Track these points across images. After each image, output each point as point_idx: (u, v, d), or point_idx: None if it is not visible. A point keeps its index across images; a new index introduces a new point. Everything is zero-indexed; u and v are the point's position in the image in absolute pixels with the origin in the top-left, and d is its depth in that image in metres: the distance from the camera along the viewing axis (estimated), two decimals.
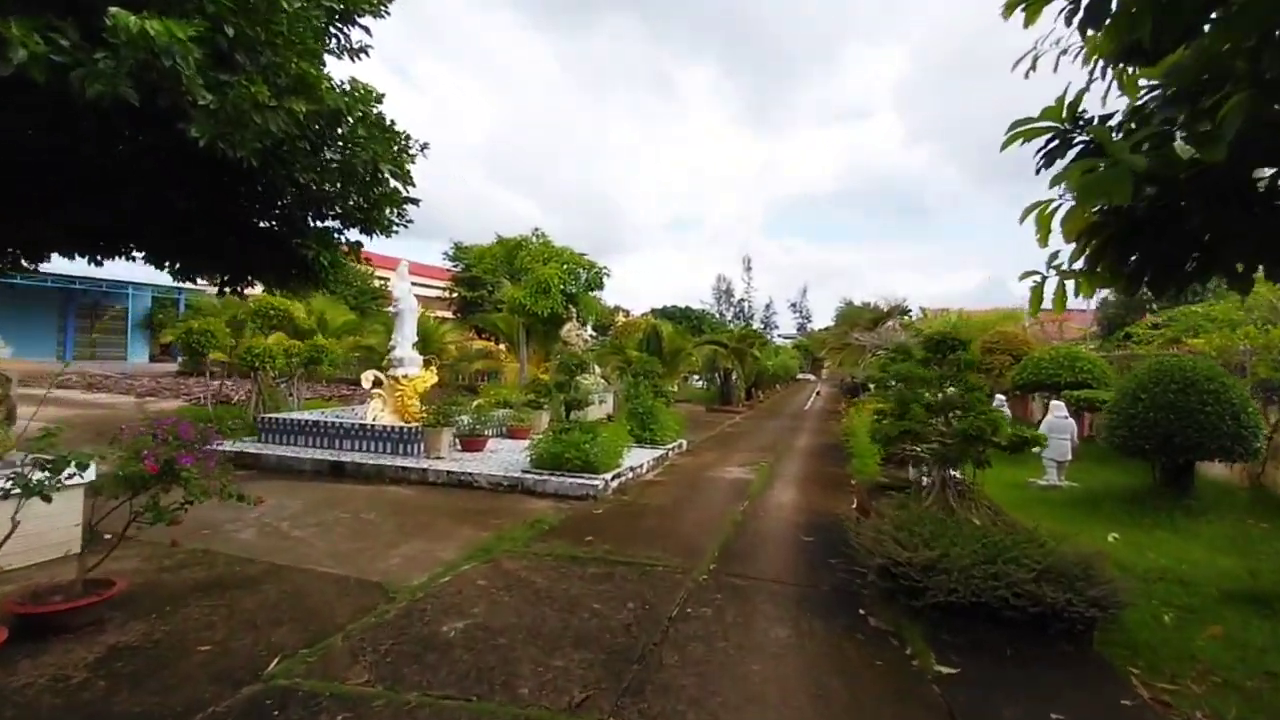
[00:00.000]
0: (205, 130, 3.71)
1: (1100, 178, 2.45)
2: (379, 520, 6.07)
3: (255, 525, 5.78)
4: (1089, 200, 2.82)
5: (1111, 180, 2.39)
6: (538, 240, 19.41)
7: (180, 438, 3.52)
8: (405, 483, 7.82)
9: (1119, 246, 3.01)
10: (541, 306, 17.14)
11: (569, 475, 7.57)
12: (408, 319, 10.47)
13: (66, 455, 3.07)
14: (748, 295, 79.25)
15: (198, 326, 9.79)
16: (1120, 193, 2.38)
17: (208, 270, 7.16)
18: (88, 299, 29.69)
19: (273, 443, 9.47)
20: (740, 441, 13.14)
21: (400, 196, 6.43)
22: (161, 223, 5.70)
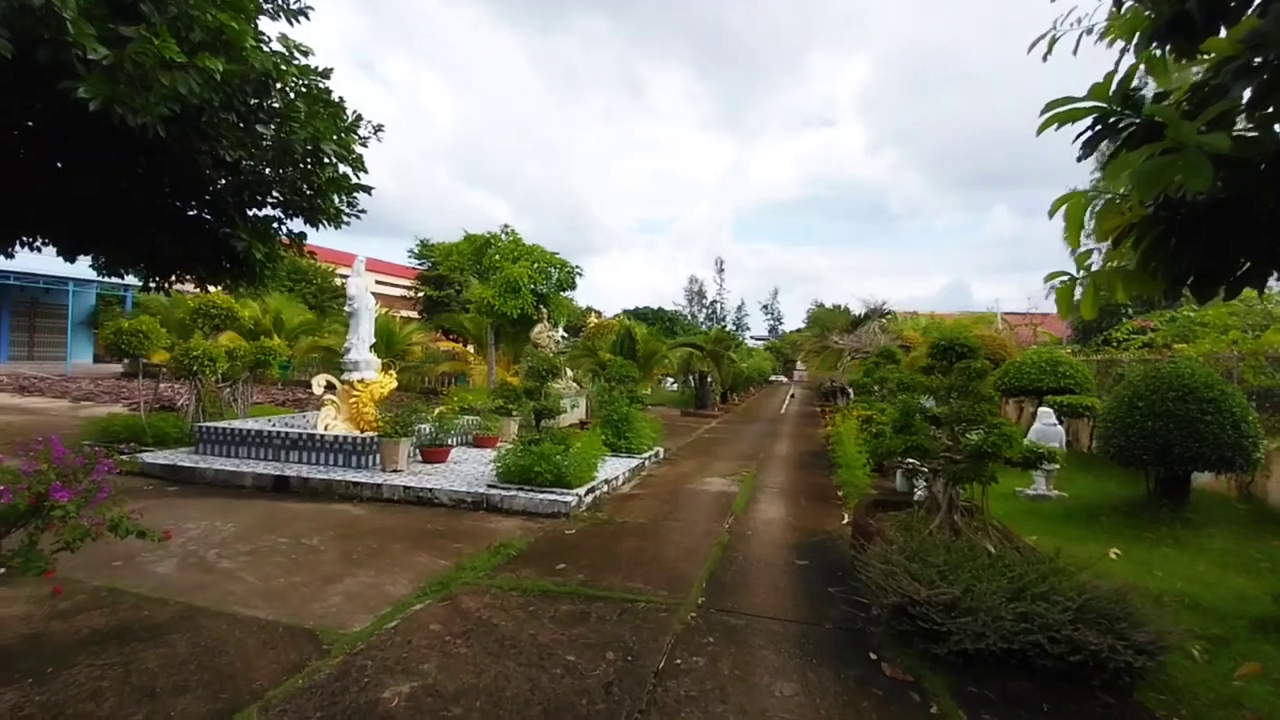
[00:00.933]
0: (97, 91, 3.03)
1: (1165, 164, 2.02)
2: (322, 547, 5.39)
3: (178, 555, 5.05)
4: (1149, 190, 2.36)
5: (1187, 166, 1.97)
6: (507, 237, 18.71)
7: (56, 465, 2.84)
8: (357, 500, 7.11)
9: (1179, 244, 2.60)
10: (511, 307, 16.47)
11: (539, 490, 6.96)
12: (364, 318, 9.71)
13: None
14: (720, 297, 79.35)
15: (128, 326, 8.87)
16: (1198, 178, 1.96)
17: (126, 264, 6.33)
18: (25, 296, 27.91)
19: (211, 454, 8.63)
20: (719, 449, 12.67)
21: (349, 183, 5.74)
22: (57, 208, 4.92)
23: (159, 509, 6.44)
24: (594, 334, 25.93)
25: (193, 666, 3.22)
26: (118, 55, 3.01)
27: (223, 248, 5.45)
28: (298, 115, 4.49)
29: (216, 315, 10.19)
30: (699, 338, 30.46)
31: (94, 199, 4.90)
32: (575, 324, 31.26)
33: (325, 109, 4.79)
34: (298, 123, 4.46)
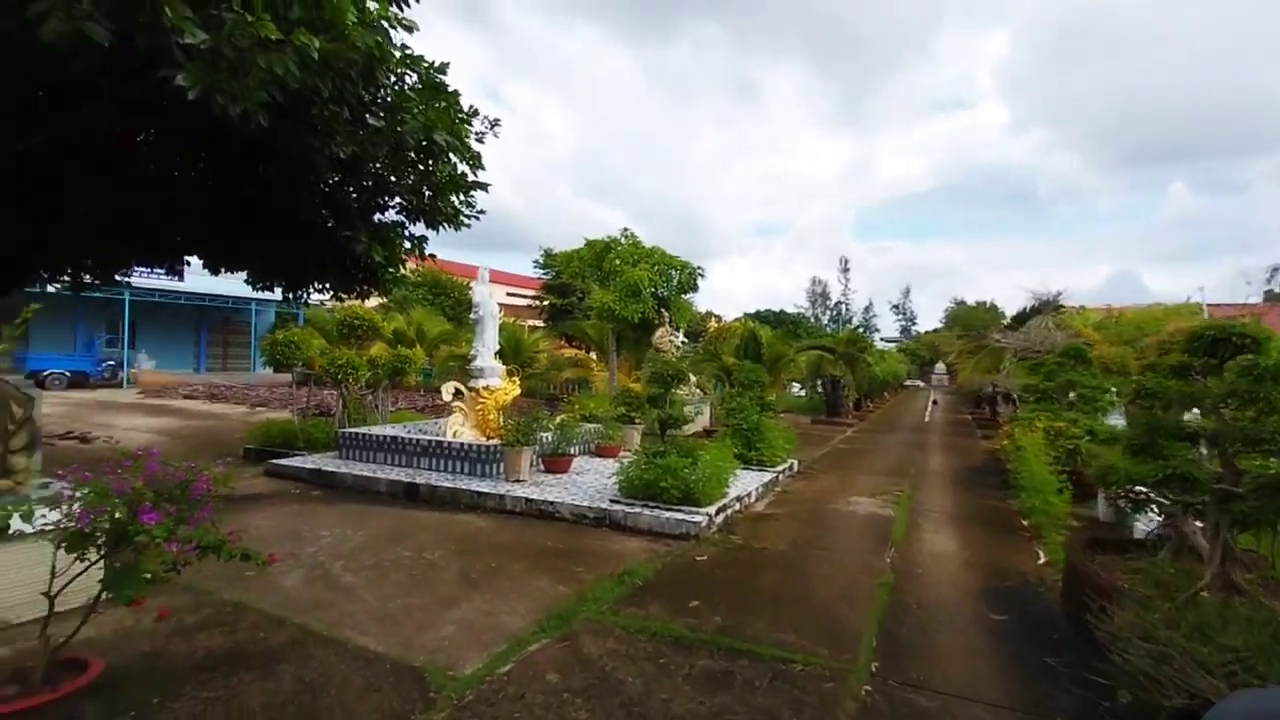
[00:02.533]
0: (196, 79, 2.87)
1: None
2: (442, 563, 5.10)
3: (306, 565, 4.98)
4: None
5: None
6: (627, 240, 18.47)
7: (150, 483, 2.61)
8: (480, 510, 6.89)
9: None
10: (632, 311, 16.14)
11: (665, 508, 6.33)
12: (489, 326, 9.69)
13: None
14: (845, 298, 75.19)
15: (281, 338, 9.50)
16: None
17: (265, 276, 6.59)
18: (219, 316, 32.17)
19: (351, 459, 8.94)
20: (861, 461, 11.38)
21: (466, 181, 5.51)
22: (199, 226, 5.08)
23: (301, 514, 6.60)
24: (716, 338, 25.13)
25: (292, 709, 2.90)
26: (216, 39, 2.82)
27: (346, 254, 5.44)
28: (410, 106, 4.25)
29: (359, 326, 10.67)
30: (827, 340, 28.61)
31: (228, 213, 5.06)
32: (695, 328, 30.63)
33: (434, 94, 4.54)
34: (409, 114, 4.22)
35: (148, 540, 2.46)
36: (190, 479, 2.74)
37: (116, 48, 2.76)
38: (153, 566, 2.52)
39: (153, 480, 2.60)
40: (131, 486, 2.54)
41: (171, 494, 2.65)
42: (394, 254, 5.83)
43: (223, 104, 2.99)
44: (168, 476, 2.69)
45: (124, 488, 2.54)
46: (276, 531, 5.94)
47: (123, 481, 2.54)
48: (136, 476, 2.58)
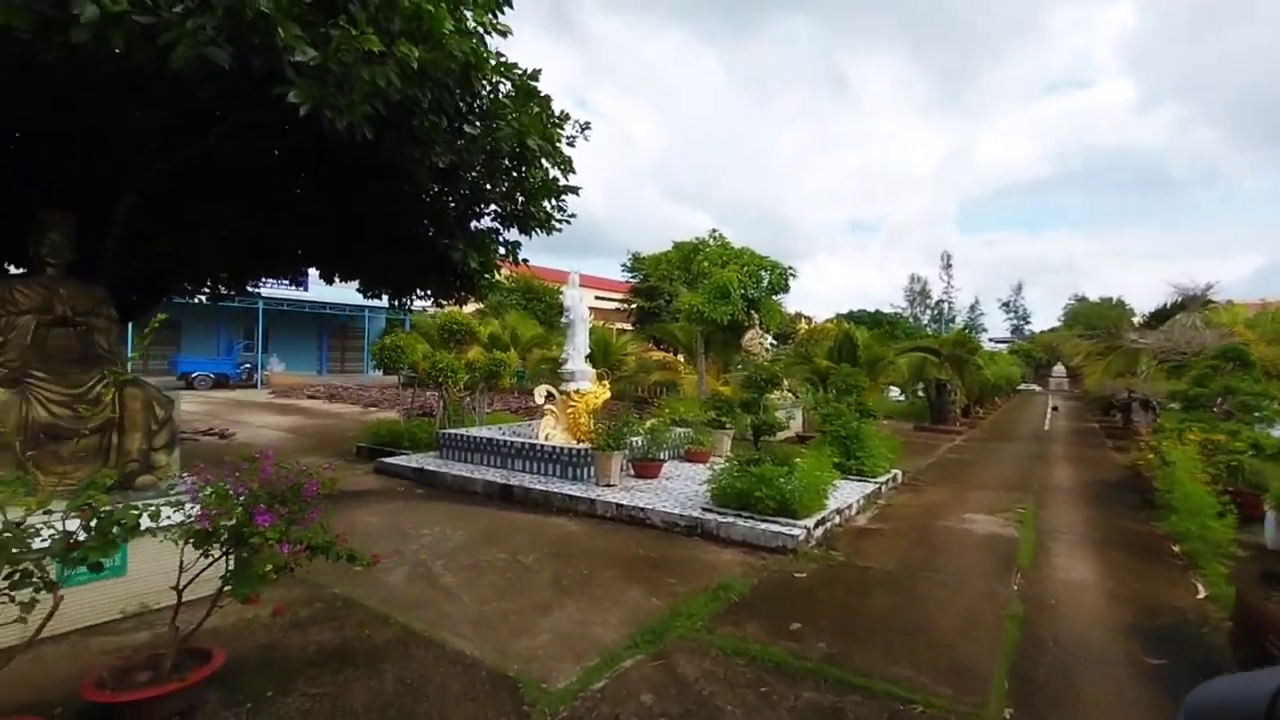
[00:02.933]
0: (307, 95, 3.00)
1: None
2: (536, 567, 5.12)
3: (409, 563, 5.15)
4: None
5: None
6: (715, 242, 18.19)
7: (264, 486, 2.72)
8: (572, 514, 6.91)
9: None
10: (720, 313, 15.84)
11: (760, 519, 6.06)
12: (579, 329, 9.77)
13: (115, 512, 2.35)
14: (948, 296, 70.71)
15: (388, 343, 10.05)
16: None
17: (372, 284, 6.95)
18: (337, 322, 34.93)
19: (451, 459, 9.29)
20: (973, 473, 10.50)
21: (558, 185, 5.53)
22: (308, 236, 5.42)
23: (405, 512, 6.89)
24: (807, 340, 24.29)
25: (393, 713, 2.93)
26: (324, 55, 2.93)
27: (445, 261, 5.63)
28: (504, 113, 4.30)
29: (458, 330, 11.11)
30: (929, 340, 26.88)
31: (339, 227, 5.37)
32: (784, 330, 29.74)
33: (531, 103, 4.58)
34: (504, 120, 4.27)
35: (261, 541, 2.56)
36: (301, 482, 2.84)
37: (235, 71, 2.94)
38: (265, 566, 2.62)
39: (267, 482, 2.71)
40: (248, 488, 2.66)
41: (284, 496, 2.75)
42: (489, 260, 5.98)
43: (330, 118, 3.12)
44: (281, 479, 2.80)
45: (242, 489, 2.66)
46: (383, 528, 6.22)
47: (240, 484, 2.67)
48: (253, 478, 2.70)
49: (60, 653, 3.49)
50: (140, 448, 4.38)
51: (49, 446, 4.03)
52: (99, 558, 2.26)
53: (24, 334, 4.16)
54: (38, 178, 4.64)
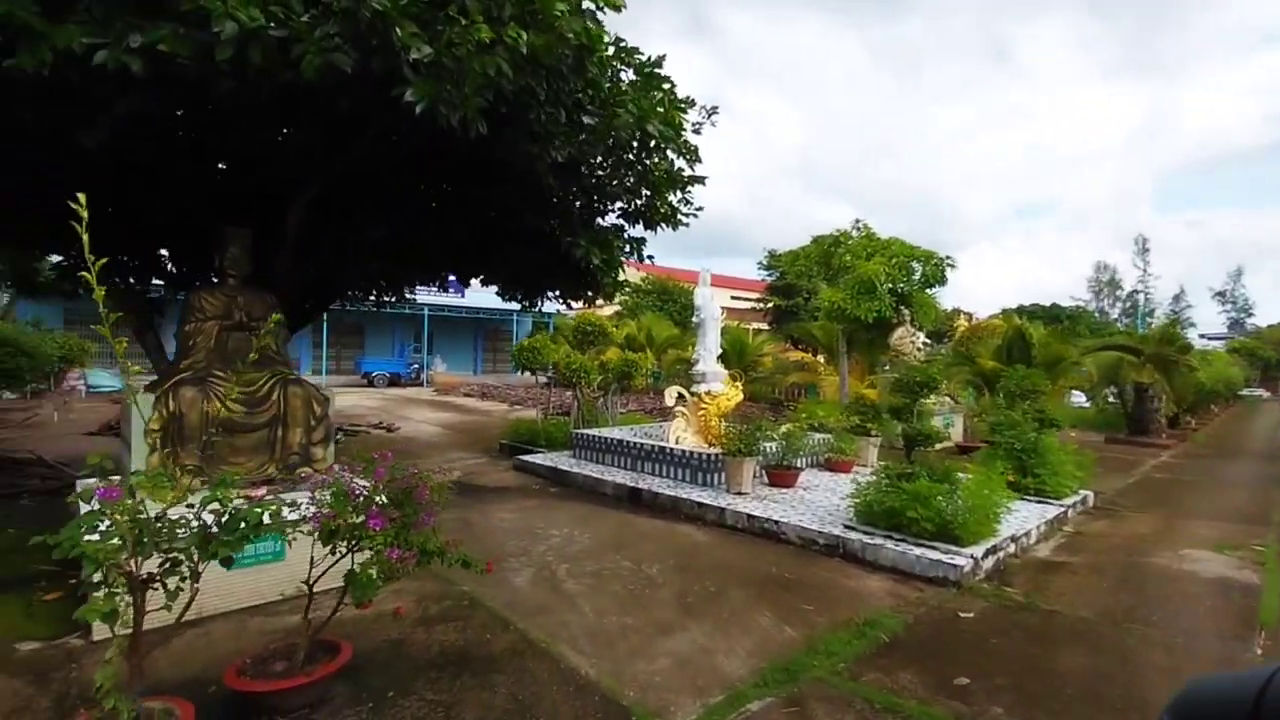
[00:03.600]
0: (423, 92, 2.99)
1: None
2: (660, 579, 4.86)
3: (535, 565, 5.13)
4: None
5: None
6: (858, 233, 16.88)
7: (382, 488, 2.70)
8: (701, 522, 6.58)
9: None
10: (865, 310, 14.62)
11: (914, 543, 5.31)
12: (710, 328, 9.42)
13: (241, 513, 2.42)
14: (1144, 285, 60.77)
15: (527, 344, 10.41)
16: None
17: (511, 287, 7.12)
18: (490, 326, 37.72)
19: (583, 459, 9.37)
20: (1190, 498, 8.63)
21: (683, 176, 5.24)
22: (435, 233, 5.62)
23: (537, 510, 6.99)
24: (968, 338, 21.86)
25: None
26: (437, 51, 2.89)
27: (568, 259, 5.58)
28: (623, 100, 4.10)
29: (590, 331, 11.25)
30: (1122, 337, 23.02)
31: (473, 232, 5.53)
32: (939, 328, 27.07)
33: (653, 87, 4.34)
34: (623, 108, 4.07)
35: (371, 545, 2.53)
36: (414, 485, 2.80)
37: (359, 75, 3.00)
38: (370, 572, 2.58)
39: (385, 484, 2.69)
40: (363, 491, 2.65)
41: (399, 499, 2.72)
42: (613, 258, 5.85)
43: (445, 114, 3.09)
44: (399, 481, 2.77)
45: (361, 491, 2.66)
46: (515, 526, 6.33)
47: (358, 486, 2.67)
48: (369, 479, 2.69)
49: (227, 630, 3.81)
50: (300, 442, 4.76)
51: (226, 439, 4.48)
52: (227, 552, 2.32)
53: (209, 338, 4.69)
54: (222, 197, 5.27)
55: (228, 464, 4.49)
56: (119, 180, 4.55)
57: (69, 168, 4.27)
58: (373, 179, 5.23)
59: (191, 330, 4.63)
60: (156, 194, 4.77)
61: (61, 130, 3.51)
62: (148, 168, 4.65)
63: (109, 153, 3.97)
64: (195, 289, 4.72)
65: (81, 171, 4.26)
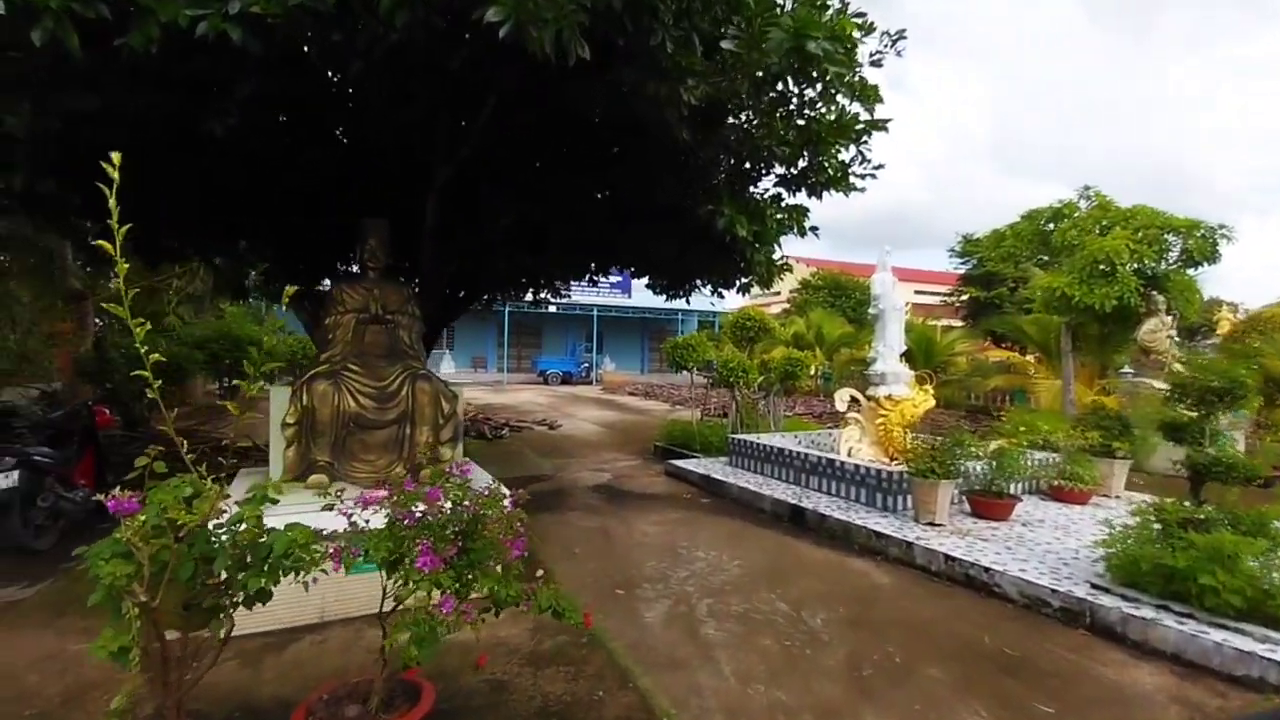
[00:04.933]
0: (506, 12, 2.38)
1: None
2: (825, 635, 3.82)
3: (673, 596, 4.37)
4: None
5: None
6: (1087, 203, 13.72)
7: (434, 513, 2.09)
8: (880, 558, 5.35)
9: None
10: (1099, 296, 11.74)
11: (1208, 621, 3.65)
12: (891, 321, 7.96)
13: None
14: None
15: (681, 342, 9.74)
16: None
17: (656, 276, 6.40)
18: (656, 325, 38.11)
19: (739, 467, 8.45)
20: None
21: (856, 122, 4.09)
22: (565, 212, 5.06)
23: (685, 525, 6.25)
24: (1243, 332, 16.99)
25: None
26: None
27: (709, 234, 4.69)
28: (774, 17, 3.14)
29: (750, 327, 10.28)
30: None
31: (599, 205, 4.97)
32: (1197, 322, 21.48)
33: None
34: (774, 25, 3.12)
35: (421, 587, 1.93)
36: (483, 512, 2.16)
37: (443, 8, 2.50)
38: (406, 633, 1.98)
39: (437, 509, 2.08)
40: (418, 518, 2.07)
41: (466, 529, 2.10)
42: (765, 231, 4.80)
43: (538, 37, 2.45)
44: (465, 506, 2.15)
45: (412, 522, 2.08)
46: (658, 542, 5.64)
47: (405, 514, 2.09)
48: (417, 502, 2.10)
49: (343, 639, 3.57)
50: (427, 440, 4.50)
51: (357, 435, 4.35)
52: (258, 585, 1.86)
53: (346, 331, 4.61)
54: (360, 190, 5.28)
55: (359, 461, 4.36)
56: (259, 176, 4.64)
57: (213, 169, 4.41)
58: (499, 162, 4.88)
59: (331, 324, 4.59)
60: (294, 188, 4.84)
61: (191, 121, 3.48)
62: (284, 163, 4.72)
63: (243, 144, 3.98)
64: (336, 282, 4.69)
65: (222, 170, 4.37)
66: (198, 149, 3.95)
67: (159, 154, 3.90)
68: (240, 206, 4.91)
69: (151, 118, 3.60)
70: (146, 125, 3.65)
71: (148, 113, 3.55)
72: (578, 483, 8.18)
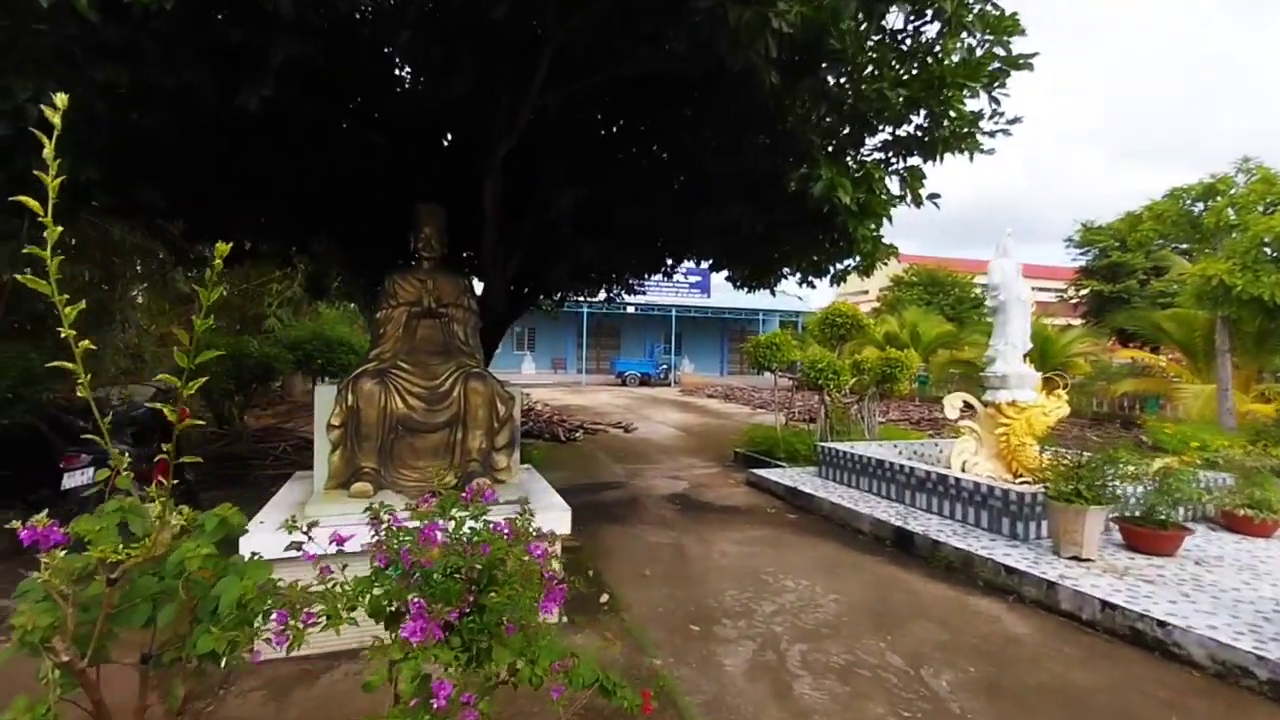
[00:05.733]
0: None
1: None
2: (956, 702, 3.02)
3: (758, 638, 3.69)
4: None
5: None
6: (1246, 177, 11.67)
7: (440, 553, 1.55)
8: (1012, 598, 4.41)
9: None
10: (1268, 286, 9.89)
11: None
12: (1014, 314, 6.86)
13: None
14: None
15: (764, 340, 8.97)
16: None
17: (730, 260, 5.66)
18: (735, 326, 37.04)
19: (831, 479, 7.59)
20: None
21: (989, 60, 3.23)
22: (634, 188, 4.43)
23: (769, 545, 5.52)
24: None
25: None
26: None
27: (802, 205, 3.92)
28: None
29: (841, 324, 9.34)
30: None
31: (674, 178, 4.37)
32: None
33: None
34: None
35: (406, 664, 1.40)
36: (497, 554, 1.59)
37: None
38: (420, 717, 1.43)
39: (425, 557, 1.53)
40: (412, 561, 1.53)
41: (477, 576, 1.55)
42: (874, 198, 3.93)
43: None
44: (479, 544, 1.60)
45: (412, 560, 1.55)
46: (738, 565, 4.96)
47: (394, 556, 1.55)
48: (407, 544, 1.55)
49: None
50: (480, 446, 4.06)
51: (405, 439, 3.96)
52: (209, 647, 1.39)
53: (397, 326, 4.26)
54: (414, 173, 4.94)
55: (407, 467, 3.97)
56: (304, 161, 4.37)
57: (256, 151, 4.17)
58: (559, 134, 4.38)
59: (382, 318, 4.25)
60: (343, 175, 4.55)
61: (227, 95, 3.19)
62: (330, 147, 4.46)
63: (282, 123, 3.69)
64: (389, 273, 4.35)
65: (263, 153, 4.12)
66: (238, 131, 3.70)
67: (201, 136, 3.68)
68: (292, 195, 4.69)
69: (188, 96, 3.35)
70: (184, 104, 3.41)
71: (184, 91, 3.29)
72: (651, 491, 7.60)
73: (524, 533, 1.64)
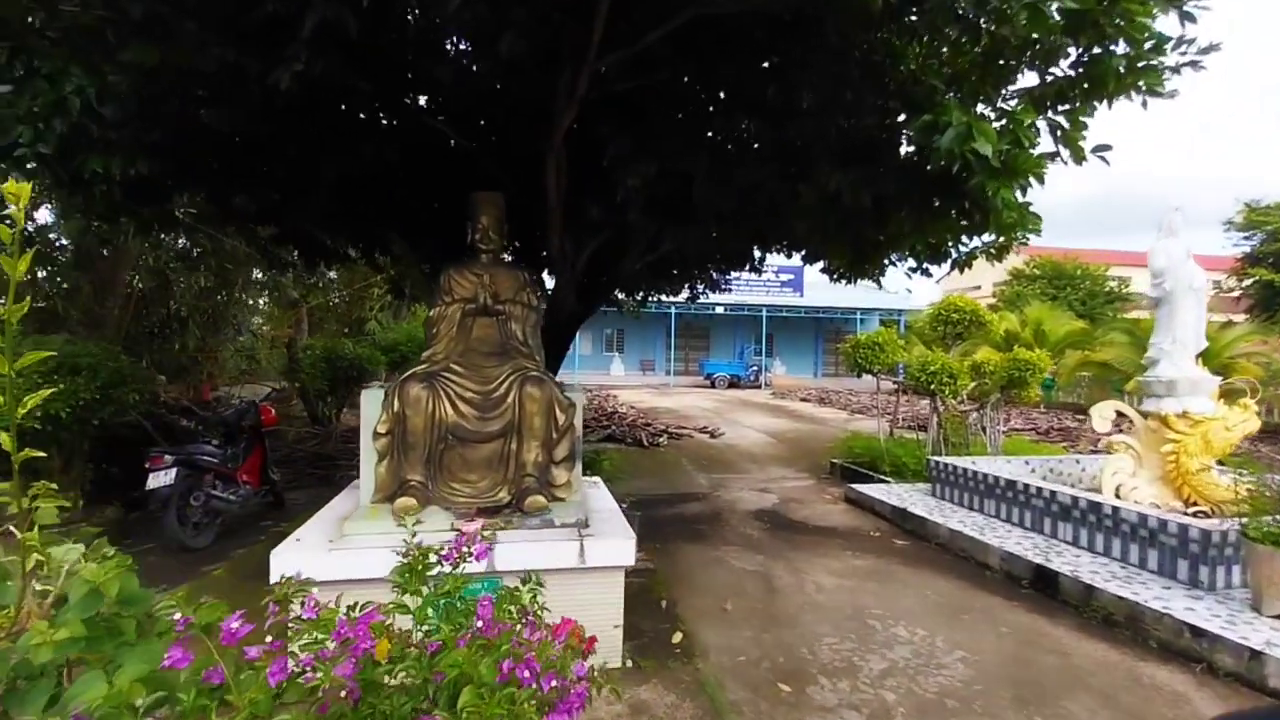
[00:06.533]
0: None
1: None
2: None
3: (865, 708, 2.99)
4: None
5: None
6: None
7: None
8: (1202, 667, 3.41)
9: None
10: None
11: None
12: (1182, 305, 5.64)
13: None
14: None
15: (865, 340, 8.03)
16: None
17: (824, 240, 4.84)
18: (830, 326, 35.22)
19: (947, 499, 6.59)
20: None
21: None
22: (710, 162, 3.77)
23: (873, 580, 4.73)
24: None
25: None
26: None
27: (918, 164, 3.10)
28: None
29: (958, 320, 8.22)
30: None
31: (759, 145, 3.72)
32: None
33: None
34: None
35: None
36: (463, 663, 1.05)
37: None
38: None
39: None
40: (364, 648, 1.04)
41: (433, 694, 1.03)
42: (1023, 153, 2.94)
43: None
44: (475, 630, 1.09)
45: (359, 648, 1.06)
46: (840, 604, 4.23)
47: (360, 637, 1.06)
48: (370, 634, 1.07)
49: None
50: (536, 459, 3.62)
51: (456, 450, 3.59)
52: None
53: (451, 324, 3.91)
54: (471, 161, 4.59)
55: (457, 481, 3.60)
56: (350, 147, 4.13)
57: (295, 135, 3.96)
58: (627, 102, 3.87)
59: (435, 316, 3.92)
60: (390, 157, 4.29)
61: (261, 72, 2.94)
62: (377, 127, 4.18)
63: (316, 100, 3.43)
64: (445, 267, 4.01)
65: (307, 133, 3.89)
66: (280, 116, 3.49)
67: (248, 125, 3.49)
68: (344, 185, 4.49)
69: (227, 79, 3.13)
70: (224, 88, 3.21)
71: (223, 73, 3.08)
72: (736, 505, 6.94)
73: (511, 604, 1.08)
